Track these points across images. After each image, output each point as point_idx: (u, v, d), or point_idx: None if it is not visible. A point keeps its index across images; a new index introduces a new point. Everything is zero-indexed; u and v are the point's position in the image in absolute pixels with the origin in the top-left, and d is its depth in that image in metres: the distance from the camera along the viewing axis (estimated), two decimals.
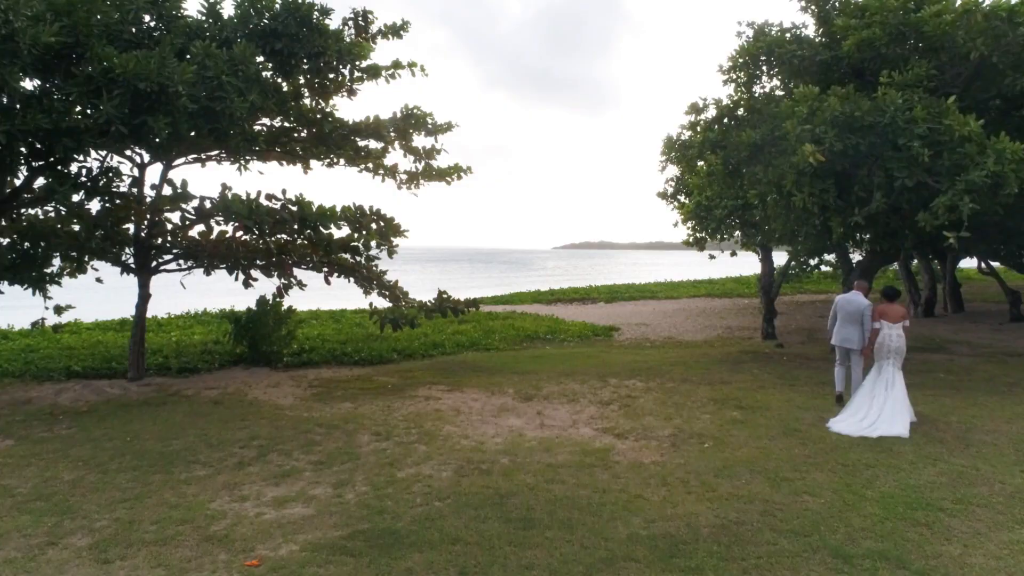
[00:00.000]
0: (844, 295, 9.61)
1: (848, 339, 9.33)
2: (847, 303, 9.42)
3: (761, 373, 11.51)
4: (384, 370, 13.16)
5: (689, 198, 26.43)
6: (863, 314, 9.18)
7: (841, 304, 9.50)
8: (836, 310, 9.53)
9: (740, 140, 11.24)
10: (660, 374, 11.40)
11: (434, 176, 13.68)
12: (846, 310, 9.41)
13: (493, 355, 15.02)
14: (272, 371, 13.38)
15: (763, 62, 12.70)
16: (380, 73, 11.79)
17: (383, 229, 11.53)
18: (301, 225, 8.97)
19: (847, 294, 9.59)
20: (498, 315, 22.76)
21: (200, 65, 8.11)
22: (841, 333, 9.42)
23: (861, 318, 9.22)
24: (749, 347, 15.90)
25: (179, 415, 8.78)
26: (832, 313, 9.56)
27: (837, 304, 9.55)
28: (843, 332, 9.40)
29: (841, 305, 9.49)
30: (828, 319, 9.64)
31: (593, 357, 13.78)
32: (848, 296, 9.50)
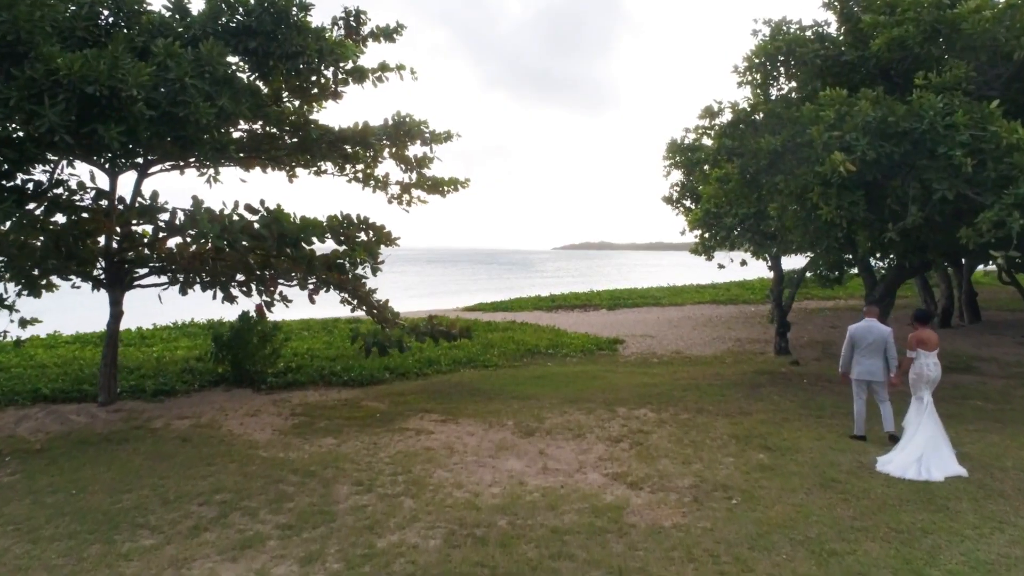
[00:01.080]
0: (860, 325, 8.76)
1: (873, 371, 8.55)
2: (867, 332, 8.61)
3: (782, 400, 10.60)
4: (374, 392, 12.26)
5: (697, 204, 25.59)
6: (887, 342, 8.50)
7: (859, 334, 8.66)
8: (853, 341, 8.70)
9: (759, 147, 10.33)
10: (672, 402, 10.49)
11: (428, 188, 12.79)
12: (867, 340, 8.59)
13: (491, 373, 14.12)
14: (254, 393, 12.48)
15: (781, 62, 11.79)
16: (367, 76, 10.91)
17: (372, 239, 10.63)
18: (280, 242, 8.07)
19: (863, 323, 8.75)
20: (497, 325, 21.86)
21: (160, 66, 7.21)
22: (863, 365, 8.60)
23: (885, 347, 8.50)
24: (763, 365, 14.99)
25: (139, 457, 7.87)
26: (847, 344, 8.73)
27: (853, 335, 8.71)
28: (866, 364, 8.59)
29: (859, 335, 8.65)
30: (842, 350, 8.80)
31: (598, 378, 12.88)
32: (866, 325, 8.68)
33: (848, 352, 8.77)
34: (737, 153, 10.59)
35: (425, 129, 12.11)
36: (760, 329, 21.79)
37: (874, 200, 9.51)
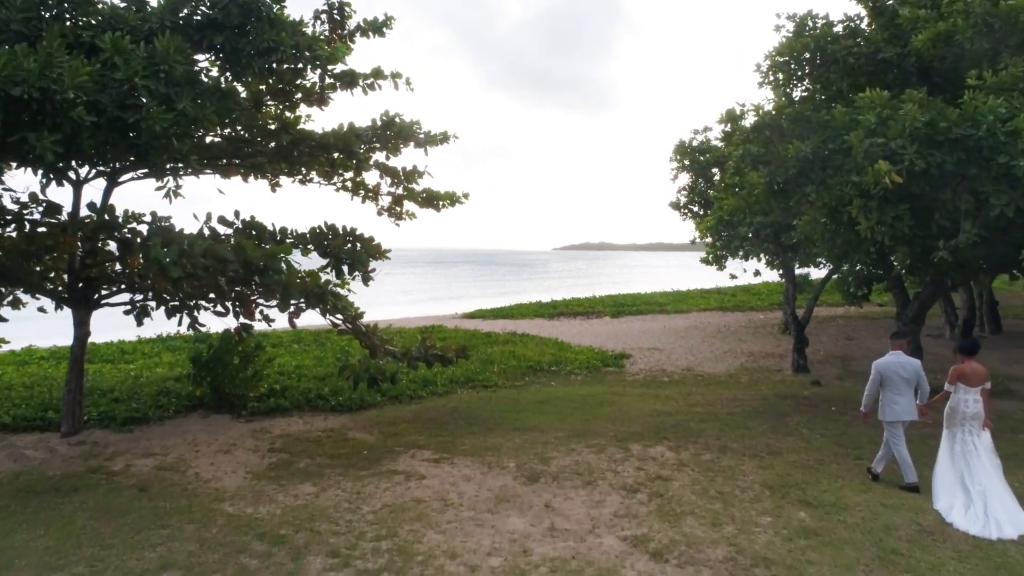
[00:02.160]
0: (888, 360, 7.78)
1: (910, 410, 7.66)
2: (900, 368, 7.67)
3: (812, 435, 9.58)
4: (364, 420, 11.26)
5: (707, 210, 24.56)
6: (919, 376, 7.64)
7: (891, 369, 7.69)
8: (883, 377, 7.73)
9: (787, 154, 9.32)
10: (691, 436, 9.47)
11: (422, 201, 11.77)
12: (900, 376, 7.66)
13: (491, 396, 13.12)
14: (233, 420, 11.48)
15: (806, 61, 10.78)
16: (357, 81, 9.89)
17: (360, 252, 9.63)
18: (245, 269, 7.07)
19: (891, 358, 7.78)
20: (497, 337, 20.85)
21: (106, 64, 6.21)
22: (900, 405, 7.66)
23: (918, 382, 7.64)
24: (782, 386, 13.98)
25: (85, 515, 6.85)
26: (874, 382, 7.76)
27: (883, 373, 7.74)
28: (902, 404, 7.65)
29: (891, 371, 7.69)
30: (867, 387, 7.82)
31: (606, 403, 11.86)
32: (897, 360, 7.74)
33: (874, 390, 7.82)
34: (763, 161, 9.58)
35: (418, 130, 11.10)
36: (773, 341, 20.78)
37: (919, 215, 8.50)
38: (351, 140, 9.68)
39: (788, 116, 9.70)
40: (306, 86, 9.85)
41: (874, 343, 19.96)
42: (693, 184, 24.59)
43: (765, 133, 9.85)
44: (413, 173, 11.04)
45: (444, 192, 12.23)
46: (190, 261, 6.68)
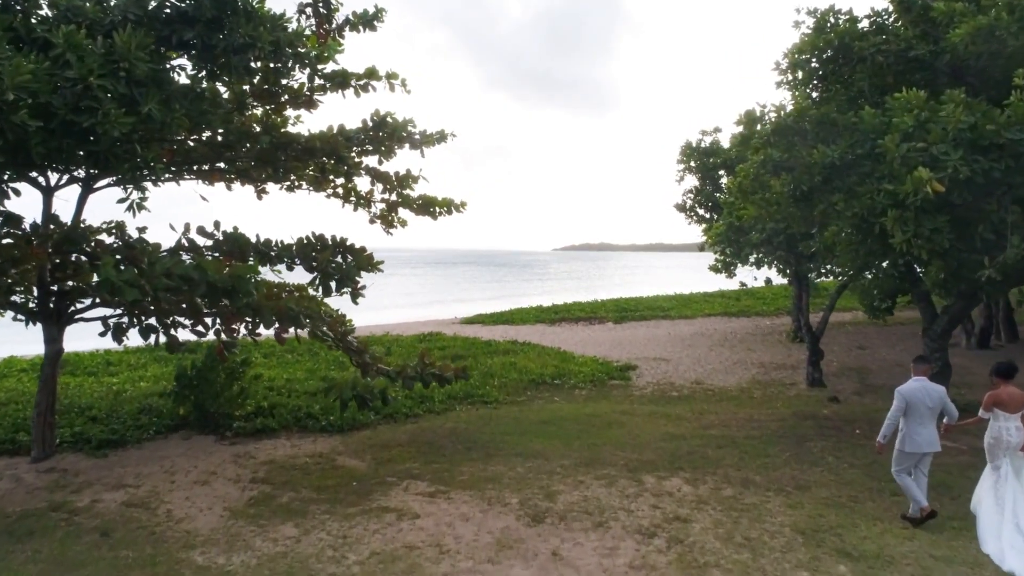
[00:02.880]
0: (912, 387, 7.09)
1: (933, 442, 7.02)
2: (925, 395, 6.99)
3: (839, 464, 8.85)
4: (355, 442, 10.54)
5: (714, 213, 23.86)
6: (945, 403, 7.01)
7: (915, 400, 7.00)
8: (908, 405, 7.03)
9: (812, 160, 8.60)
10: (708, 466, 8.74)
11: (418, 208, 11.05)
12: (925, 404, 6.97)
13: (491, 415, 12.39)
14: (217, 443, 10.77)
15: (828, 59, 10.06)
16: (349, 82, 9.16)
17: (348, 267, 8.91)
18: (210, 292, 6.33)
19: (915, 384, 7.10)
20: (498, 346, 20.12)
21: (57, 61, 5.49)
22: (923, 436, 6.99)
23: (944, 409, 7.02)
24: (798, 402, 13.25)
25: (35, 569, 6.11)
26: (898, 410, 7.06)
27: (909, 400, 7.03)
28: (925, 435, 7.00)
29: (916, 398, 7.00)
30: (889, 416, 7.14)
31: (615, 424, 11.13)
32: (921, 385, 7.06)
33: (897, 419, 7.14)
34: (786, 167, 8.86)
35: (413, 129, 10.37)
36: (783, 350, 20.05)
37: (959, 227, 7.77)
38: (338, 144, 8.95)
39: (812, 118, 8.98)
40: (293, 87, 9.12)
41: (889, 353, 19.26)
42: (700, 187, 23.93)
43: (787, 136, 9.12)
44: (407, 178, 10.30)
45: (441, 199, 11.51)
46: (150, 282, 5.96)
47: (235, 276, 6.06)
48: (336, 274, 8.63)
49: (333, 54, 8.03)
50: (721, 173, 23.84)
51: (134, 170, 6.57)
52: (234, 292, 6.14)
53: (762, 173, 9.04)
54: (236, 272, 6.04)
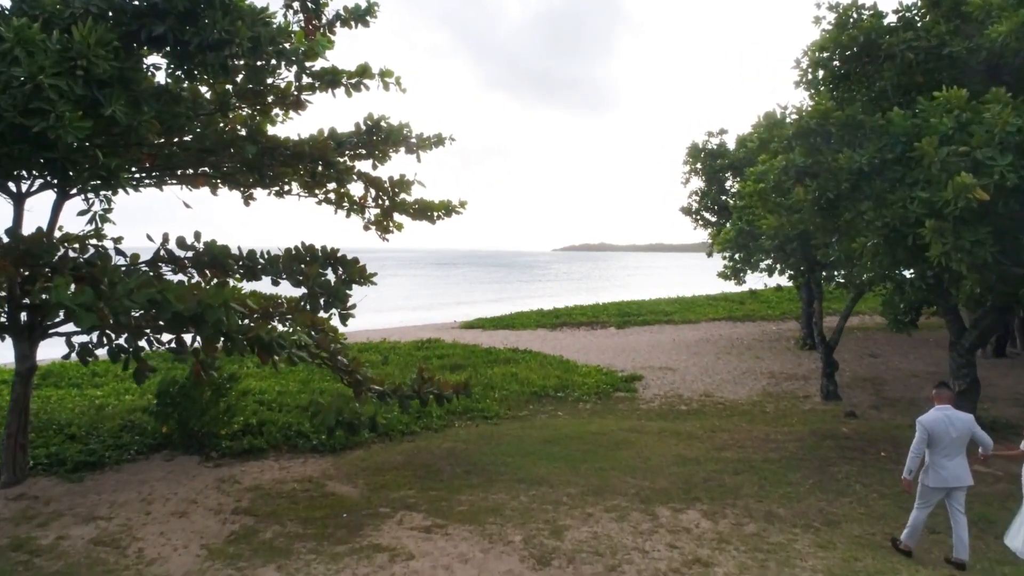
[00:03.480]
0: (934, 416, 6.51)
1: (960, 475, 6.43)
2: (950, 425, 6.41)
3: (867, 493, 8.22)
4: (348, 464, 9.90)
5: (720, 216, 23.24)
6: (973, 432, 6.43)
7: (938, 431, 6.42)
8: (932, 437, 6.44)
9: (838, 165, 7.97)
10: (727, 495, 8.09)
11: (414, 212, 10.42)
12: (950, 435, 6.40)
13: (492, 432, 11.75)
14: (200, 465, 10.14)
15: (852, 56, 9.43)
16: (340, 81, 8.53)
17: (337, 285, 8.28)
18: (175, 321, 5.68)
19: (937, 414, 6.52)
20: (499, 354, 19.48)
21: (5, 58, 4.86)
22: (948, 470, 6.42)
23: (973, 437, 6.45)
24: (814, 417, 12.62)
25: None
26: (920, 443, 6.47)
27: (931, 431, 6.44)
28: (951, 469, 6.41)
29: (939, 432, 6.41)
30: (912, 450, 6.54)
31: (623, 444, 10.49)
32: (943, 416, 6.48)
33: (921, 452, 6.54)
34: (810, 173, 8.23)
35: (409, 133, 9.76)
36: (792, 359, 19.43)
37: (1002, 238, 7.14)
38: (328, 149, 8.31)
39: (836, 120, 8.34)
40: (279, 86, 8.49)
41: (902, 361, 18.64)
42: (706, 189, 23.31)
43: (809, 140, 8.48)
44: (402, 183, 9.66)
45: (438, 202, 10.89)
46: (110, 305, 5.34)
47: (207, 300, 5.43)
48: (324, 291, 7.99)
49: (322, 51, 7.40)
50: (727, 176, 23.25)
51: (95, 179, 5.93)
52: (201, 320, 5.51)
53: (784, 180, 8.40)
54: (205, 299, 5.41)
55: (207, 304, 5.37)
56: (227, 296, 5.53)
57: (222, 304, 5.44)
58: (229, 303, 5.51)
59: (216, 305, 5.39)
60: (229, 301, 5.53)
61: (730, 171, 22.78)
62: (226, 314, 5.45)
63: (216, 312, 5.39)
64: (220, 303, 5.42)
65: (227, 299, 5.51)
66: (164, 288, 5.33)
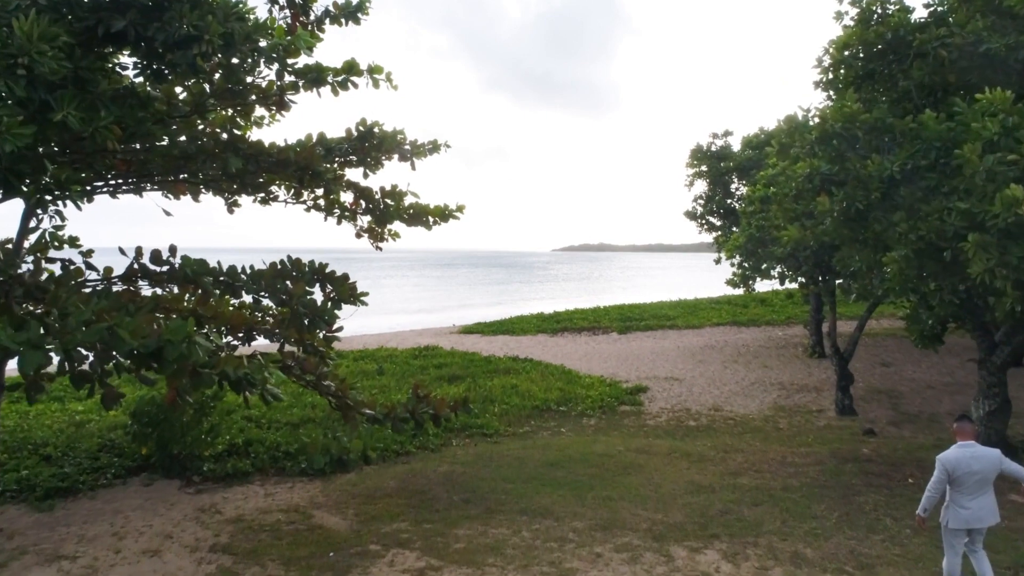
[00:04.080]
0: (957, 454, 5.88)
1: (983, 516, 5.86)
2: (974, 461, 5.80)
3: (899, 529, 7.57)
4: (338, 489, 9.28)
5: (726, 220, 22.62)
6: (1001, 467, 5.80)
7: (961, 469, 5.81)
8: (954, 477, 5.84)
9: (867, 172, 7.33)
10: (747, 531, 7.45)
11: (409, 218, 9.79)
12: (973, 476, 5.78)
13: (491, 450, 11.13)
14: (180, 491, 9.53)
15: (877, 54, 8.80)
16: (326, 78, 7.88)
17: (323, 306, 7.64)
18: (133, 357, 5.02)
19: (960, 451, 5.89)
20: (498, 363, 18.85)
21: None
22: (971, 510, 5.84)
23: (1005, 472, 5.84)
24: (831, 435, 11.99)
25: None
26: (939, 481, 5.88)
27: (952, 470, 5.84)
28: (974, 509, 5.83)
29: (962, 471, 5.81)
30: (929, 487, 5.95)
31: (631, 468, 9.85)
32: (969, 453, 5.85)
33: (939, 492, 5.93)
34: (836, 181, 7.60)
35: (403, 140, 9.13)
36: (802, 368, 18.79)
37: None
38: (315, 156, 7.66)
39: (863, 123, 7.71)
40: (260, 85, 7.84)
41: (916, 371, 18.00)
42: (711, 193, 22.70)
43: (833, 144, 7.85)
44: (394, 194, 9.02)
45: (434, 207, 10.25)
46: (61, 339, 4.71)
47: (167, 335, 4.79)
48: (309, 311, 7.35)
49: (303, 46, 6.75)
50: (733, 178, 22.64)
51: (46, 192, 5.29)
52: (159, 356, 4.88)
53: (807, 188, 7.77)
54: (165, 333, 4.77)
55: (167, 340, 4.74)
56: (191, 329, 4.89)
57: (185, 339, 4.80)
58: (193, 337, 4.88)
59: (177, 340, 4.76)
60: (193, 335, 4.89)
61: (736, 174, 22.17)
62: (189, 350, 4.81)
63: (177, 348, 4.76)
64: (182, 338, 4.78)
65: (191, 333, 4.87)
66: (118, 322, 4.68)
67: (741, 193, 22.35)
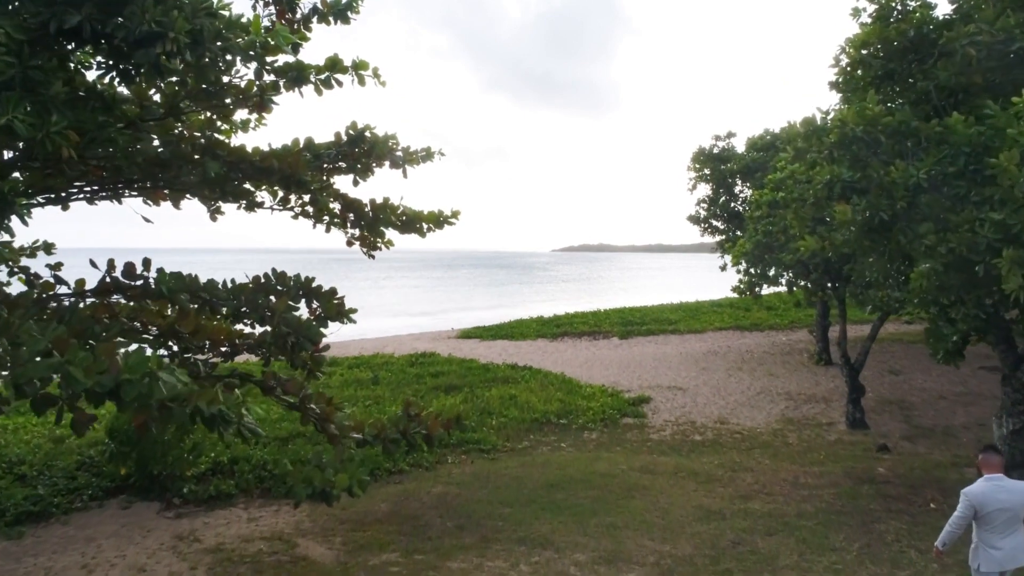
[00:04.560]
0: (984, 488, 5.38)
1: (1021, 555, 5.35)
2: (1002, 495, 5.30)
3: (926, 563, 7.03)
4: (325, 515, 8.78)
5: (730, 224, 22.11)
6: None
7: (989, 502, 5.30)
8: (981, 512, 5.34)
9: (891, 180, 6.82)
10: (763, 565, 6.92)
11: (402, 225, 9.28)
12: (1003, 509, 5.28)
13: (488, 469, 10.63)
14: (160, 515, 9.05)
15: (898, 52, 8.29)
16: (308, 77, 7.36)
17: (307, 325, 7.12)
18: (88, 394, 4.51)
19: (987, 484, 5.39)
20: (497, 371, 18.31)
21: None
22: (1004, 550, 5.32)
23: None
24: (843, 451, 11.48)
25: None
26: (963, 517, 5.39)
27: (980, 506, 5.33)
28: (1008, 548, 5.32)
29: (991, 503, 5.30)
30: (952, 521, 5.47)
31: (635, 490, 9.32)
32: (996, 486, 5.36)
33: (962, 528, 5.43)
34: (859, 189, 7.09)
35: (395, 146, 8.60)
36: (809, 376, 18.27)
37: None
38: (300, 164, 7.14)
39: (886, 127, 7.20)
40: (239, 86, 7.32)
41: (926, 380, 17.48)
42: (714, 196, 22.20)
43: (854, 149, 7.33)
44: (385, 208, 8.50)
45: (427, 213, 9.74)
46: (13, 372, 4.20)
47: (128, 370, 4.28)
48: (292, 330, 6.83)
49: (283, 43, 6.23)
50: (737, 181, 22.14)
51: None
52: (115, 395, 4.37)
53: (826, 196, 7.26)
54: (124, 369, 4.25)
55: (125, 378, 4.23)
56: (154, 365, 4.38)
57: (146, 376, 4.29)
58: (155, 373, 4.36)
59: (137, 378, 4.25)
60: (156, 370, 4.37)
61: (740, 176, 21.66)
62: (150, 387, 4.30)
63: (136, 387, 4.24)
64: (142, 375, 4.27)
65: (153, 369, 4.36)
66: (71, 358, 4.17)
67: (745, 196, 21.85)
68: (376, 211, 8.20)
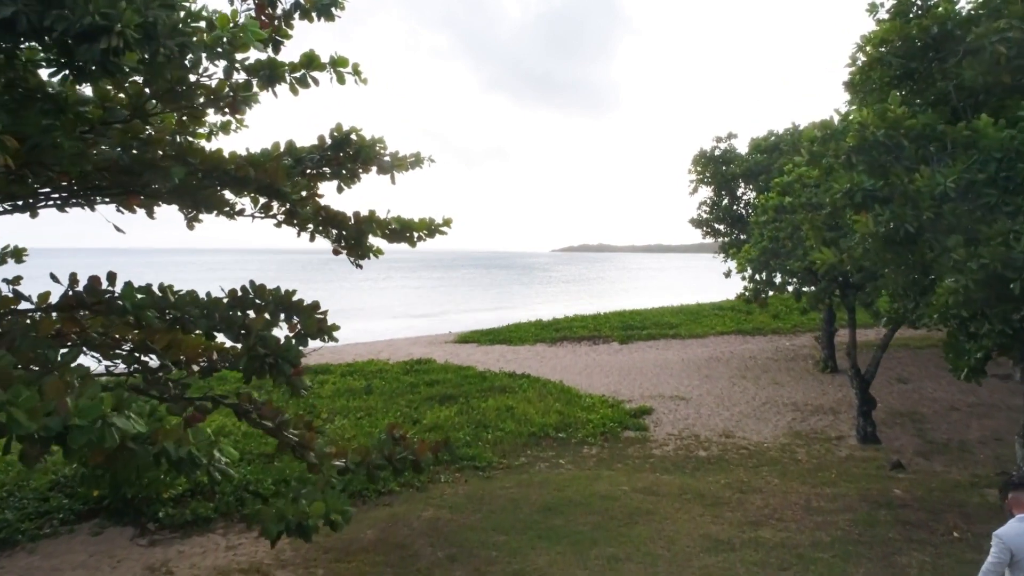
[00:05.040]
0: (1018, 528, 4.78)
1: None
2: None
3: None
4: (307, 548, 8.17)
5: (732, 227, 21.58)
6: None
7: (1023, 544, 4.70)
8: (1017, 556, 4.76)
9: (916, 188, 6.28)
10: None
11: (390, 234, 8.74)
12: None
13: (482, 490, 10.08)
14: (132, 541, 8.54)
15: (919, 50, 7.75)
16: (282, 75, 6.81)
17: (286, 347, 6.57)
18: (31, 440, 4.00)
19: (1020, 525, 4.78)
20: (494, 380, 17.76)
21: None
22: None
23: None
24: (856, 469, 10.94)
25: None
26: (999, 562, 4.78)
27: (1014, 546, 4.73)
28: None
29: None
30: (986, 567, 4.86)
31: (638, 515, 8.77)
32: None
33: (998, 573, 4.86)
34: (880, 198, 6.55)
35: (383, 150, 8.06)
36: (815, 384, 17.74)
37: None
38: (279, 174, 6.59)
39: (909, 130, 6.66)
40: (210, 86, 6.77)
41: (936, 389, 16.95)
42: (716, 199, 21.67)
43: (874, 155, 6.79)
44: (371, 221, 7.96)
45: (419, 220, 9.20)
46: None
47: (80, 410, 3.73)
48: (269, 350, 6.28)
49: (252, 39, 5.69)
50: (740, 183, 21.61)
51: None
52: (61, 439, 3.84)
53: (845, 205, 6.73)
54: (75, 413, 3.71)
55: (74, 423, 3.69)
56: (107, 408, 3.83)
57: (97, 419, 3.75)
58: (109, 418, 3.82)
59: (88, 423, 3.71)
60: (109, 415, 3.83)
61: (743, 178, 21.14)
62: (102, 433, 3.76)
63: (85, 434, 3.70)
64: (94, 419, 3.73)
65: (106, 412, 3.82)
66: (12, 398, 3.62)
67: (748, 199, 21.32)
68: (360, 223, 7.64)
